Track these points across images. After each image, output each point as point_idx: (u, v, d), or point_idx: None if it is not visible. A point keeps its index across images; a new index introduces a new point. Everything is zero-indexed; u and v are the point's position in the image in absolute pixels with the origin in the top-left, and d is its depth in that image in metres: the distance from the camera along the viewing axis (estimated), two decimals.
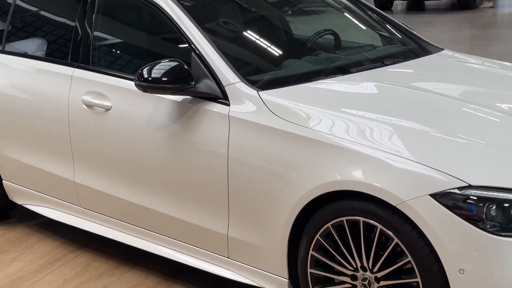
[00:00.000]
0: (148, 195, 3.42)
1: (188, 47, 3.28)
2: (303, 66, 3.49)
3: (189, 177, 3.21)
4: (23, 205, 4.20)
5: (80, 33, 3.76)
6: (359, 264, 2.76)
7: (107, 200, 3.65)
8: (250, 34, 3.91)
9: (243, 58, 3.56)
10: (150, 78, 3.12)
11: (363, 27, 4.29)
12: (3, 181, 4.23)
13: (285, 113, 2.97)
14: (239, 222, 3.09)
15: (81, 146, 3.68)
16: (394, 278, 2.69)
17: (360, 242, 2.73)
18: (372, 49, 3.87)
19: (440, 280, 2.54)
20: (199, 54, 3.22)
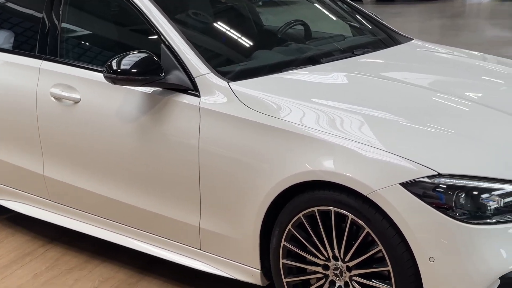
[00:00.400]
0: (119, 188, 3.40)
1: (158, 39, 3.25)
2: (274, 57, 3.49)
3: (160, 169, 3.20)
4: None
5: (48, 25, 3.71)
6: (331, 254, 2.78)
7: (77, 194, 3.61)
8: (220, 25, 3.89)
9: (213, 49, 3.54)
10: (119, 70, 3.09)
11: (333, 18, 4.30)
12: None
13: (256, 104, 2.96)
14: (211, 214, 3.08)
15: (50, 140, 3.64)
16: (366, 267, 2.71)
17: (332, 232, 2.74)
18: (342, 40, 3.88)
19: (411, 268, 2.57)
20: (169, 46, 3.19)
